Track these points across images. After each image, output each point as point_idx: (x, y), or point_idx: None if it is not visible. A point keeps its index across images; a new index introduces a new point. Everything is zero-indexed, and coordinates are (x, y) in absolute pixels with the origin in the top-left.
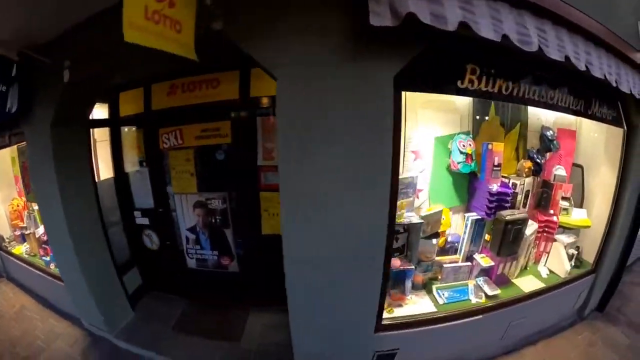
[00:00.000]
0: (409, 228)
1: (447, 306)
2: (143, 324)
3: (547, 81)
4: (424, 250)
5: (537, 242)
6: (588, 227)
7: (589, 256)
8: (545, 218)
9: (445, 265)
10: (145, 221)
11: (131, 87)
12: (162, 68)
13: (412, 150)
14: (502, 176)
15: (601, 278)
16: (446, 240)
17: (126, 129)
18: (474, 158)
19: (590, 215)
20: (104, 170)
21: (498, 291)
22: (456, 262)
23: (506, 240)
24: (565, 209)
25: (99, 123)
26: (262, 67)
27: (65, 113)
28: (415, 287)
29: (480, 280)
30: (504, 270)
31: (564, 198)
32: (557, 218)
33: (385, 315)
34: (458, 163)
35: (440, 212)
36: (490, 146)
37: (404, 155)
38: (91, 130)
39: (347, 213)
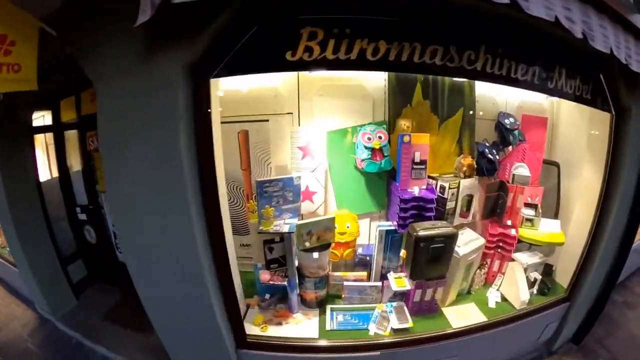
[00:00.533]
0: (284, 237)
1: (335, 333)
2: (82, 311)
3: (463, 36)
4: (304, 264)
5: (490, 260)
6: (560, 244)
7: (564, 279)
8: (500, 231)
9: (346, 283)
10: (84, 217)
11: (67, 95)
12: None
13: (299, 147)
14: (430, 176)
15: (578, 306)
16: (355, 252)
17: (68, 133)
18: (386, 154)
19: (567, 227)
20: (55, 169)
21: (408, 324)
22: (362, 280)
23: (420, 260)
24: (529, 220)
25: (42, 129)
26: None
27: (5, 122)
28: (309, 305)
29: (390, 307)
30: (425, 296)
31: (528, 205)
32: (517, 231)
33: (257, 332)
34: (363, 161)
35: (331, 219)
36: (406, 138)
37: (292, 153)
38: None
39: (158, 221)
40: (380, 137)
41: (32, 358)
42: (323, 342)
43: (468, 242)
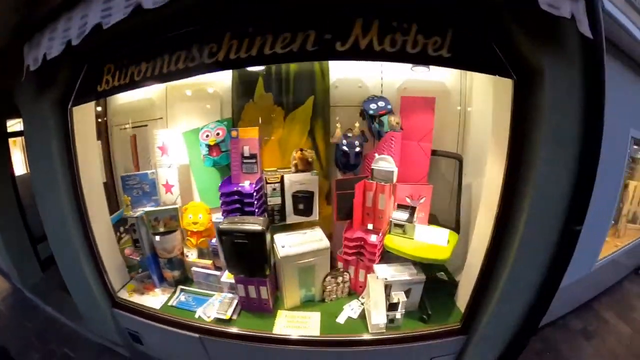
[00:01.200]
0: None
1: (172, 309)
2: (47, 283)
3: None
4: (155, 245)
5: (355, 268)
6: (441, 260)
7: (462, 303)
8: (358, 235)
9: (194, 269)
10: None
11: None
12: None
13: (158, 147)
14: (269, 170)
15: (485, 340)
16: (209, 242)
17: None
18: (223, 150)
19: (469, 238)
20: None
21: (225, 316)
22: (207, 267)
23: (227, 254)
24: (398, 226)
25: (15, 134)
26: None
27: None
28: (168, 283)
29: (223, 297)
30: (250, 293)
31: (402, 207)
32: (381, 238)
33: (126, 297)
34: (203, 156)
35: (174, 209)
36: (234, 133)
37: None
38: None
39: (52, 207)
40: (217, 134)
41: (1, 318)
42: (160, 314)
43: (303, 243)
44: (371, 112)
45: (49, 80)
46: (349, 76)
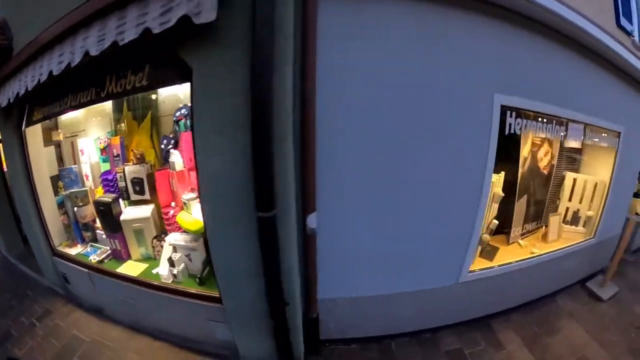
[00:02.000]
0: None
1: (82, 256)
2: (27, 251)
3: None
4: (77, 215)
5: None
6: (194, 231)
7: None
8: (166, 210)
9: (97, 231)
10: None
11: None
12: None
13: (80, 150)
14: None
15: (235, 315)
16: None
17: None
18: (108, 152)
19: None
20: None
21: (99, 258)
22: (99, 229)
23: (99, 217)
24: (185, 203)
25: None
26: None
27: None
28: (85, 240)
29: (104, 248)
30: (114, 245)
31: (192, 189)
32: (176, 212)
33: (61, 249)
34: (99, 157)
35: (85, 190)
36: (108, 140)
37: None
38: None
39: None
40: (105, 141)
41: None
42: (75, 259)
43: (135, 213)
44: (174, 118)
45: (10, 113)
46: (170, 92)
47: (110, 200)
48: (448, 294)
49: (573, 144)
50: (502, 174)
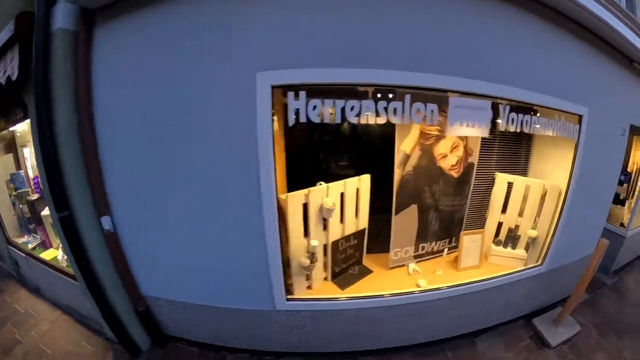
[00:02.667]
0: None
1: (24, 245)
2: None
3: None
4: (23, 210)
5: None
6: None
7: None
8: None
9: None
10: None
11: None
12: None
13: (26, 157)
14: None
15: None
16: None
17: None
18: None
19: None
20: None
21: (33, 246)
22: None
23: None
24: None
25: None
26: None
27: None
28: (31, 231)
29: (39, 237)
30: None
31: None
32: None
33: (14, 239)
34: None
35: (27, 191)
36: None
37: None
38: None
39: None
40: None
41: None
42: (20, 247)
43: None
44: None
45: None
46: None
47: (34, 199)
48: (270, 321)
49: (470, 132)
50: (366, 176)
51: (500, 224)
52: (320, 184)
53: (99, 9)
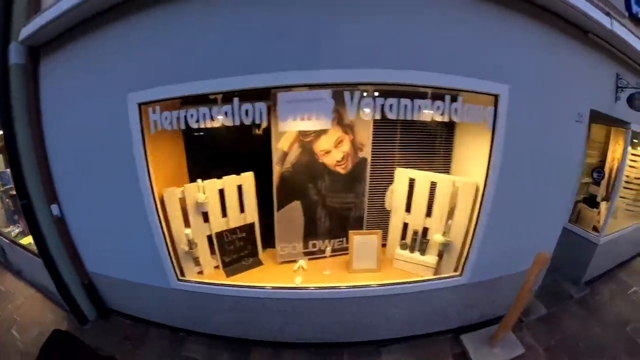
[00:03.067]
0: None
1: (9, 233)
2: None
3: None
4: (9, 203)
5: None
6: None
7: None
8: None
9: None
10: None
11: None
12: None
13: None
14: None
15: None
16: None
17: None
18: None
19: None
20: None
21: (15, 234)
22: None
23: None
24: None
25: None
26: None
27: None
28: (15, 222)
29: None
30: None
31: None
32: None
33: (1, 229)
34: None
35: (11, 187)
36: None
37: None
38: None
39: None
40: None
41: None
42: (5, 235)
43: None
44: None
45: None
46: None
47: (15, 193)
48: (176, 298)
49: (309, 125)
50: (248, 174)
51: (405, 225)
52: (197, 181)
53: (40, 46)
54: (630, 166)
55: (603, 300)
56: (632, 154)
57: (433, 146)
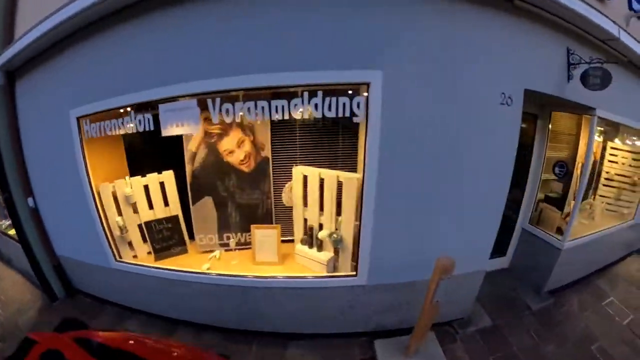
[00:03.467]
0: None
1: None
2: None
3: None
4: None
5: None
6: None
7: None
8: None
9: None
10: None
11: None
12: None
13: None
14: None
15: None
16: None
17: None
18: None
19: None
20: None
21: None
22: None
23: None
24: None
25: None
26: None
27: None
28: None
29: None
30: None
31: None
32: None
33: None
34: None
35: None
36: None
37: None
38: None
39: None
40: None
41: None
42: None
43: None
44: None
45: None
46: None
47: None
48: (114, 277)
49: (183, 130)
50: (168, 172)
51: (305, 221)
52: (125, 178)
53: (14, 70)
54: (611, 161)
55: (568, 312)
56: (613, 148)
57: (337, 144)
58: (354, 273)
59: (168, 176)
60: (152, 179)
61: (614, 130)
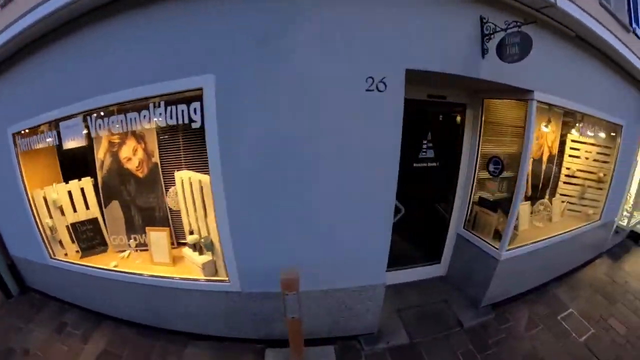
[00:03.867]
0: None
1: None
2: None
3: None
4: None
5: None
6: None
7: None
8: None
9: None
10: None
11: None
12: None
13: None
14: None
15: None
16: None
17: None
18: None
19: None
20: None
21: None
22: None
23: None
24: None
25: None
26: None
27: None
28: None
29: None
30: None
31: None
32: None
33: None
34: None
35: None
36: None
37: None
38: None
39: None
40: None
41: None
42: None
43: None
44: None
45: None
46: None
47: None
48: (51, 274)
49: (74, 144)
50: (86, 179)
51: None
52: (52, 184)
53: None
54: (572, 156)
55: (512, 329)
56: (574, 141)
57: None
58: (227, 278)
59: (86, 182)
60: (74, 185)
61: (574, 121)
